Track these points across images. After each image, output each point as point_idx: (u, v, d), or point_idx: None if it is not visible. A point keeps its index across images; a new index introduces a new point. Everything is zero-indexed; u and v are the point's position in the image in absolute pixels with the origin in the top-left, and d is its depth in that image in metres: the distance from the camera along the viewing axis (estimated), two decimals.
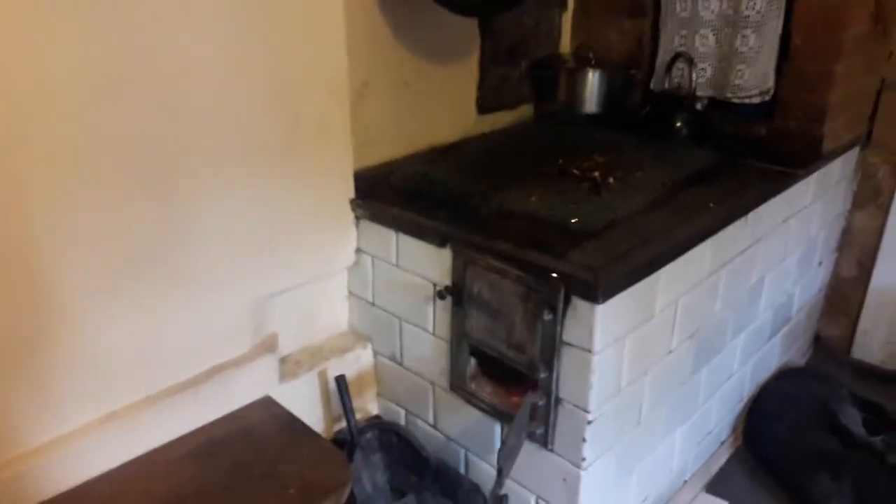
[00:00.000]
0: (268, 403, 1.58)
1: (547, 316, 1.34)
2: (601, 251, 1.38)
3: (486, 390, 1.59)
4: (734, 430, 2.11)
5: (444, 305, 1.56)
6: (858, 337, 2.45)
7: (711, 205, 1.62)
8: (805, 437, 1.96)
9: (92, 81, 1.21)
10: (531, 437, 1.46)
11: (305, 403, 1.70)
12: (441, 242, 1.52)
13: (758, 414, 2.10)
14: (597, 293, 1.27)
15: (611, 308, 1.31)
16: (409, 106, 1.94)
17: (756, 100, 2.03)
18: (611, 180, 1.68)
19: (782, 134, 1.99)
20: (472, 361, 1.58)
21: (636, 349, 1.44)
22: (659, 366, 1.56)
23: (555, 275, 1.31)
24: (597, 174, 1.70)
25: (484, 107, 2.16)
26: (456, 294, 1.51)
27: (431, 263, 1.57)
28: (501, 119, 2.24)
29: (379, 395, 1.88)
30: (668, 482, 1.83)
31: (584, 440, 1.39)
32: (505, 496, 1.47)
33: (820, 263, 2.30)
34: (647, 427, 1.60)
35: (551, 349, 1.37)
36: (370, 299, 1.78)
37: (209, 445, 1.44)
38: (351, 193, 1.69)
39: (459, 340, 1.56)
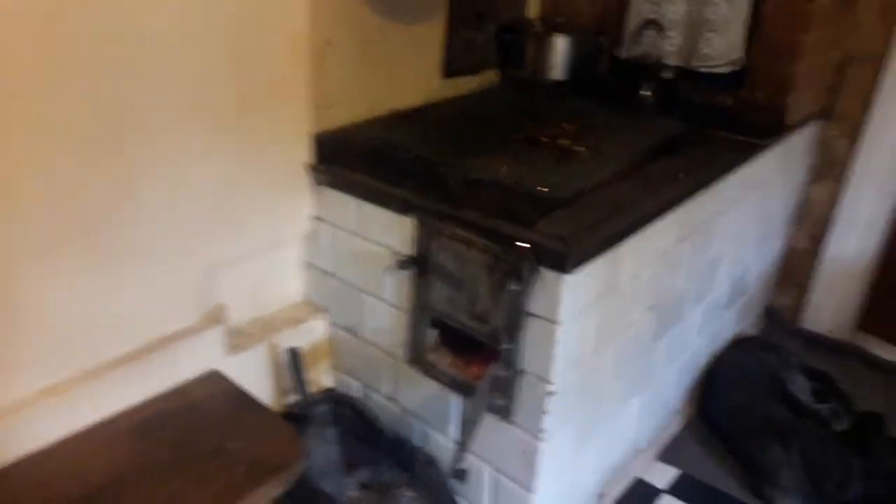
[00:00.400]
0: (215, 377, 1.50)
1: (513, 286, 1.29)
2: (570, 221, 1.33)
3: (445, 362, 1.54)
4: (688, 399, 2.12)
5: (406, 276, 1.50)
6: (809, 308, 2.49)
7: (680, 175, 1.59)
8: (756, 406, 1.98)
9: (35, 35, 1.09)
10: (491, 408, 1.43)
11: (255, 376, 1.62)
12: (405, 210, 1.45)
13: (711, 384, 2.12)
14: (565, 264, 1.23)
15: (578, 279, 1.27)
16: (373, 68, 1.84)
17: (724, 70, 2.00)
18: (580, 149, 1.63)
19: (749, 104, 1.97)
20: (433, 333, 1.53)
21: (599, 321, 1.41)
22: (621, 337, 1.53)
23: (523, 244, 1.26)
24: (566, 142, 1.65)
25: (450, 71, 2.07)
26: (419, 264, 1.45)
27: (393, 232, 1.50)
28: (467, 84, 2.15)
29: (334, 367, 1.81)
30: (623, 452, 1.83)
31: (544, 412, 1.36)
32: (464, 470, 1.43)
33: (776, 235, 2.32)
34: (606, 398, 1.59)
35: (516, 320, 1.32)
36: (327, 269, 1.70)
37: (152, 421, 1.36)
38: (309, 158, 1.60)
39: (421, 311, 1.50)
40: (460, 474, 1.42)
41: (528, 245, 1.26)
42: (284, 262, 1.72)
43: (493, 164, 1.55)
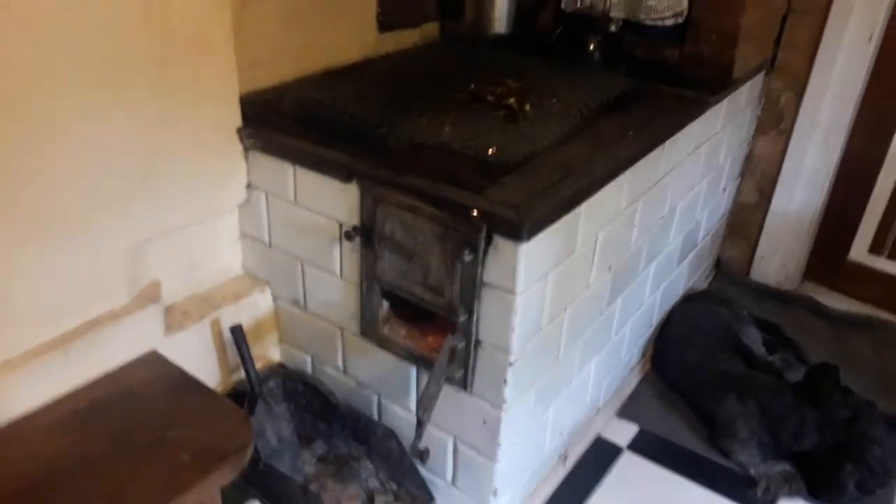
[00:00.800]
0: (153, 359, 1.41)
1: (467, 257, 1.23)
2: (522, 186, 1.27)
3: (399, 334, 1.49)
4: (643, 355, 2.13)
5: (353, 247, 1.43)
6: (757, 260, 2.52)
7: (630, 133, 1.55)
8: (711, 360, 2.00)
9: None
10: (450, 380, 1.38)
11: (197, 356, 1.54)
12: (346, 177, 1.37)
13: (665, 339, 2.13)
14: (521, 232, 1.17)
15: (534, 246, 1.22)
16: (303, 21, 1.72)
17: (669, 22, 1.95)
18: (527, 108, 1.57)
19: (694, 58, 1.93)
20: (385, 304, 1.47)
21: (557, 286, 1.37)
22: (578, 300, 1.50)
23: (475, 213, 1.20)
24: (512, 101, 1.59)
25: (386, 24, 1.96)
26: (365, 234, 1.38)
27: (336, 201, 1.42)
28: (405, 38, 2.06)
29: (281, 341, 1.74)
30: (582, 412, 1.83)
31: (505, 382, 1.33)
32: (426, 450, 1.39)
33: (724, 190, 2.32)
34: (564, 362, 1.56)
35: (471, 291, 1.27)
36: (266, 240, 1.61)
37: (86, 411, 1.27)
38: (238, 121, 1.50)
39: (370, 284, 1.43)
40: (422, 454, 1.38)
41: (479, 213, 1.20)
42: (220, 234, 1.62)
43: (437, 124, 1.48)
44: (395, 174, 1.31)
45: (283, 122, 1.51)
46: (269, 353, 1.73)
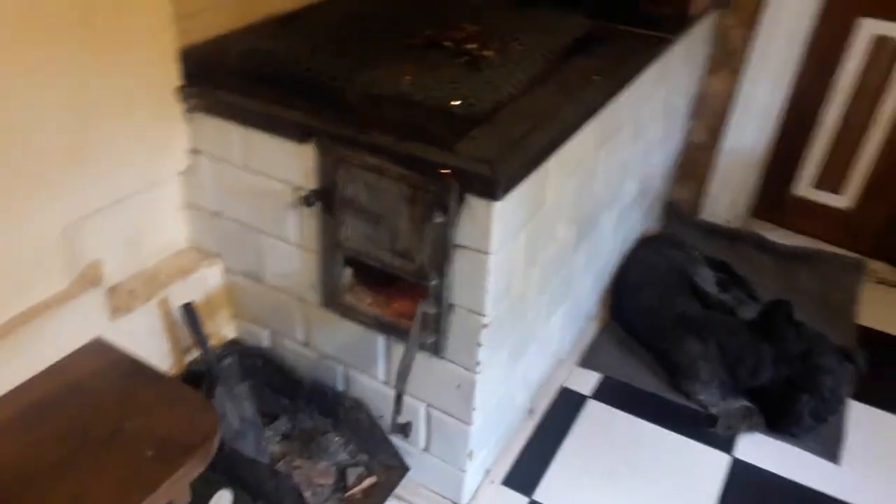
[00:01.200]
0: (99, 347, 1.30)
1: (438, 218, 1.16)
2: (493, 140, 1.20)
3: (364, 301, 1.41)
4: (602, 303, 2.12)
5: (312, 212, 1.33)
6: (707, 200, 2.54)
7: (595, 77, 1.49)
8: (668, 303, 2.01)
9: None
10: (421, 346, 1.33)
11: (146, 339, 1.43)
12: (302, 137, 1.27)
13: (622, 285, 2.13)
14: (495, 190, 1.11)
15: (507, 204, 1.15)
16: None
17: None
18: (488, 53, 1.48)
19: None
20: (348, 272, 1.39)
21: (527, 242, 1.32)
22: (545, 255, 1.46)
23: (446, 171, 1.12)
24: (473, 47, 1.49)
25: None
26: (325, 199, 1.28)
27: (291, 163, 1.31)
28: None
29: (235, 316, 1.64)
30: (548, 365, 1.82)
31: (479, 344, 1.28)
32: (408, 423, 1.34)
33: (677, 130, 2.30)
34: (532, 317, 1.53)
35: (443, 254, 1.21)
36: (214, 209, 1.49)
37: (32, 410, 1.16)
38: (177, 79, 1.36)
39: (332, 251, 1.35)
40: (403, 428, 1.33)
41: (451, 172, 1.12)
42: (162, 205, 1.49)
43: (396, 74, 1.38)
44: (357, 132, 1.21)
45: (229, 78, 1.38)
46: (222, 330, 1.63)
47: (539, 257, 1.42)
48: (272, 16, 1.67)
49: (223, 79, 1.38)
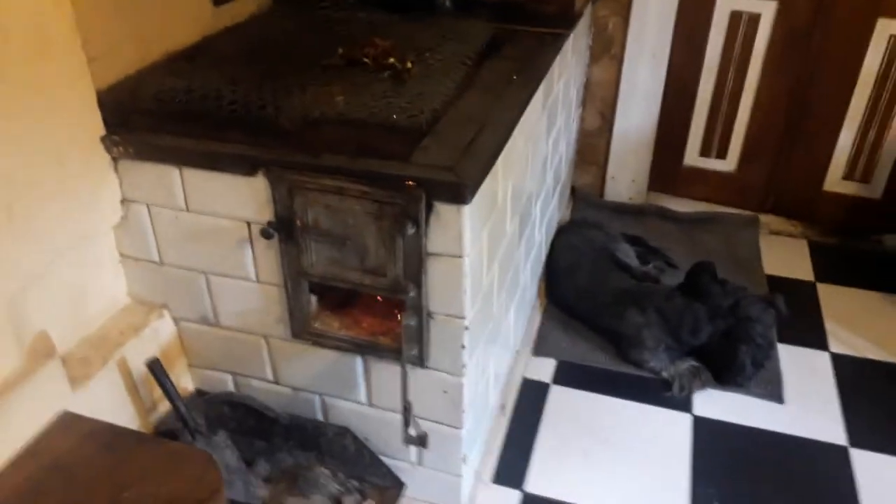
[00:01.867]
0: (68, 421, 1.20)
1: (409, 230, 1.17)
2: (445, 147, 1.23)
3: (333, 326, 1.40)
4: (539, 291, 2.20)
5: (269, 245, 1.30)
6: (608, 181, 2.69)
7: (514, 77, 1.56)
8: (602, 280, 2.12)
9: None
10: (408, 360, 1.33)
11: (110, 405, 1.34)
12: (249, 170, 1.24)
13: (555, 270, 2.22)
14: (464, 194, 1.14)
15: (473, 207, 1.19)
16: (136, 3, 1.51)
17: None
18: (409, 66, 1.51)
19: None
20: (313, 300, 1.37)
21: (489, 242, 1.36)
22: (500, 251, 1.51)
23: (411, 182, 1.14)
24: (392, 60, 1.52)
25: None
26: (285, 229, 1.26)
27: (239, 198, 1.28)
28: (241, 9, 1.88)
29: (191, 365, 1.57)
30: (508, 359, 1.86)
31: (463, 347, 1.30)
32: (424, 434, 1.33)
33: (574, 119, 2.43)
34: (495, 314, 1.57)
35: (417, 264, 1.22)
36: (156, 258, 1.42)
37: (17, 500, 1.05)
38: (100, 128, 1.29)
39: (296, 281, 1.32)
40: (421, 440, 1.32)
41: (416, 182, 1.14)
42: (99, 262, 1.41)
43: (326, 95, 1.39)
44: (308, 157, 1.21)
45: (153, 119, 1.32)
46: (180, 381, 1.55)
47: (497, 254, 1.46)
48: (172, 52, 1.62)
49: (148, 121, 1.32)
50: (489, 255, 1.38)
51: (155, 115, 1.34)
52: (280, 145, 1.24)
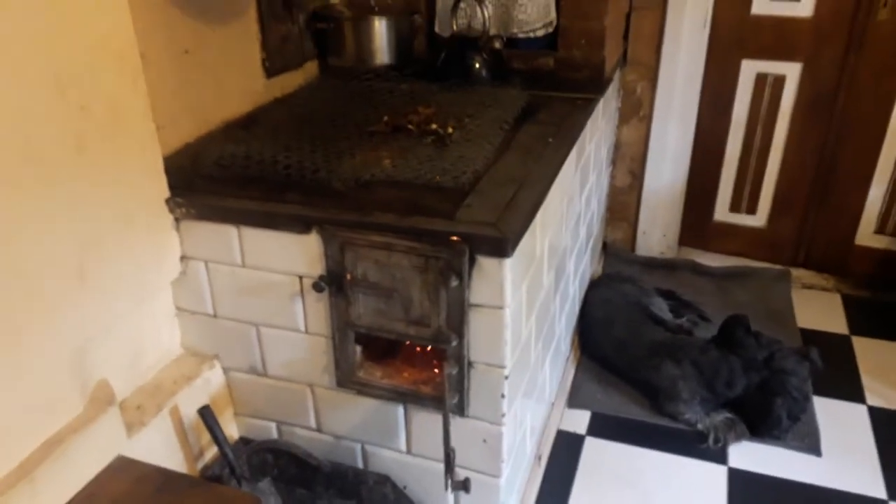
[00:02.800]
0: (124, 465, 1.27)
1: (453, 282, 1.24)
2: (487, 205, 1.31)
3: (376, 375, 1.46)
4: (573, 343, 2.24)
5: (319, 298, 1.38)
6: (639, 236, 2.75)
7: (549, 140, 1.64)
8: (637, 333, 2.15)
9: None
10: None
11: (161, 451, 1.41)
12: (304, 228, 1.33)
13: (590, 323, 2.26)
14: (506, 248, 1.21)
15: (514, 260, 1.26)
16: (194, 78, 1.64)
17: (541, 33, 2.09)
18: (451, 131, 1.61)
19: (568, 64, 2.09)
20: (359, 350, 1.44)
21: (527, 294, 1.42)
22: (538, 304, 1.57)
23: (456, 238, 1.22)
24: (434, 126, 1.62)
25: (272, 69, 1.92)
26: (335, 282, 1.34)
27: (293, 254, 1.36)
28: (290, 81, 2.02)
29: (237, 414, 1.63)
30: (544, 410, 1.89)
31: (503, 396, 1.35)
32: (467, 479, 1.37)
33: (605, 178, 2.51)
34: (532, 364, 1.62)
35: (460, 315, 1.28)
36: (210, 311, 1.50)
37: None
38: (165, 191, 1.39)
39: (343, 331, 1.39)
40: (464, 485, 1.36)
41: (460, 237, 1.22)
42: (157, 315, 1.49)
43: (374, 160, 1.49)
44: (361, 215, 1.29)
45: (213, 183, 1.43)
46: (226, 429, 1.60)
47: (534, 306, 1.52)
48: (226, 121, 1.75)
49: (210, 184, 1.43)
50: (528, 306, 1.44)
51: (215, 179, 1.45)
52: (333, 205, 1.33)
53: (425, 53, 2.26)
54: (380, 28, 2.08)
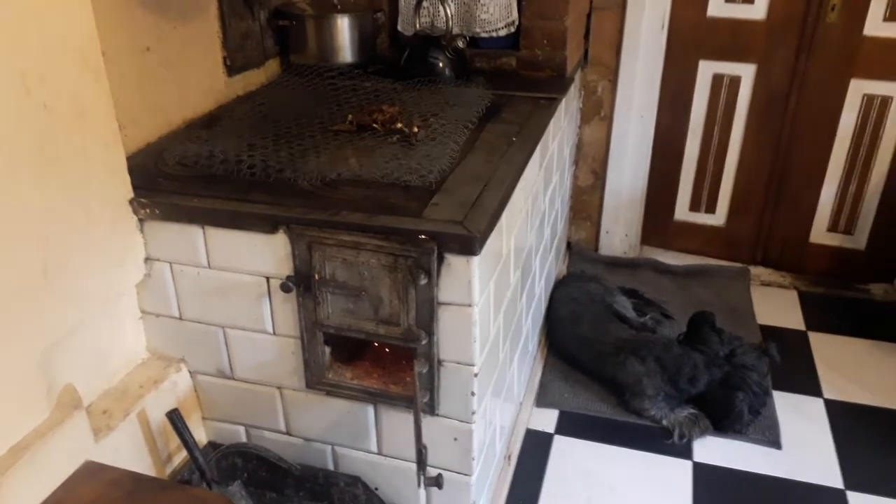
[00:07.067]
0: (93, 470, 1.24)
1: (422, 280, 1.25)
2: (454, 204, 1.32)
3: (346, 376, 1.45)
4: (539, 343, 2.26)
5: (286, 298, 1.37)
6: (602, 236, 2.79)
7: (513, 139, 1.66)
8: (602, 331, 2.18)
9: None
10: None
11: (129, 456, 1.38)
12: (271, 228, 1.32)
13: (556, 322, 2.28)
14: (474, 245, 1.22)
15: (482, 259, 1.27)
16: (155, 76, 1.62)
17: (503, 32, 2.11)
18: (416, 130, 1.61)
19: (530, 63, 2.12)
20: (327, 351, 1.43)
21: (494, 293, 1.43)
22: (505, 302, 1.58)
23: (425, 236, 1.22)
24: (400, 125, 1.62)
25: (233, 67, 1.90)
26: (303, 282, 1.33)
27: (259, 255, 1.35)
28: (253, 79, 2.01)
29: (205, 418, 1.61)
30: (513, 410, 1.91)
31: (473, 394, 1.36)
32: (440, 475, 1.37)
33: (567, 177, 2.54)
34: (500, 363, 1.63)
35: (429, 313, 1.29)
36: (176, 314, 1.48)
37: None
38: (129, 192, 1.37)
39: (312, 332, 1.38)
40: (436, 481, 1.36)
41: (428, 236, 1.22)
42: (122, 318, 1.46)
43: (340, 159, 1.49)
44: (329, 215, 1.28)
45: (177, 183, 1.41)
46: (194, 433, 1.58)
47: (502, 304, 1.53)
48: (191, 120, 1.73)
49: (174, 184, 1.40)
50: (495, 305, 1.45)
51: (179, 179, 1.43)
52: (300, 204, 1.32)
53: (388, 52, 2.27)
54: (342, 26, 2.08)
